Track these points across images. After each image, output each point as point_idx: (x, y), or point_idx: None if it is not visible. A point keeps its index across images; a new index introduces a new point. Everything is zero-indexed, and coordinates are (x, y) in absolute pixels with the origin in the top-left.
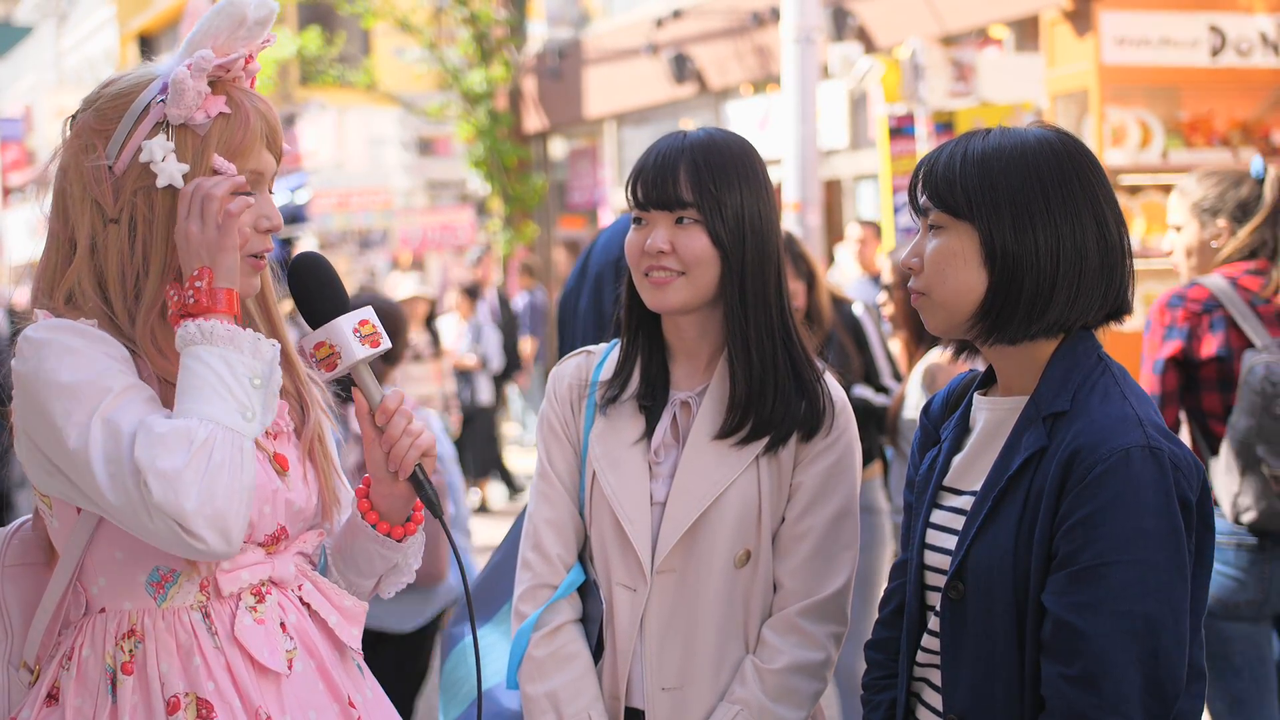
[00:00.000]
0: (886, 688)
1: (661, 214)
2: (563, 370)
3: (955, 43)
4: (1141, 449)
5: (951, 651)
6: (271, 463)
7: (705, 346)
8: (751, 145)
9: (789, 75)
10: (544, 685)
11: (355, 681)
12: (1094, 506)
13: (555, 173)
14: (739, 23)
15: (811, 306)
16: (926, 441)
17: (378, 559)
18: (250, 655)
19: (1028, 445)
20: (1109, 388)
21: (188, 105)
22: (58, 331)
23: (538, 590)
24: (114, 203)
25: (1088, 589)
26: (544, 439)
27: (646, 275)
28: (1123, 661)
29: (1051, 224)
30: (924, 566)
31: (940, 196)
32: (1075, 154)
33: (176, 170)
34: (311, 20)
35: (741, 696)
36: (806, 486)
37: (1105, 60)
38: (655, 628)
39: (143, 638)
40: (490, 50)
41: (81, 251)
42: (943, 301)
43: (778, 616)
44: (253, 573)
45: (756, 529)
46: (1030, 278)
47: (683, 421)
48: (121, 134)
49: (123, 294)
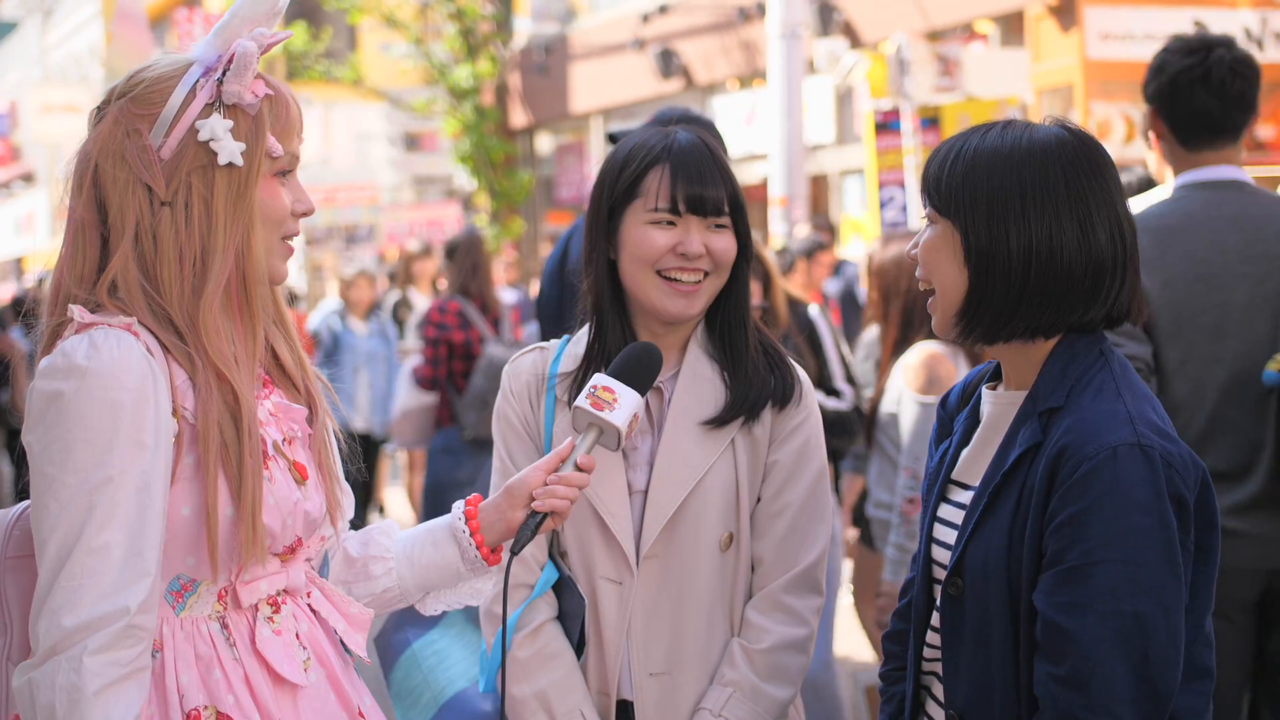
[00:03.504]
0: (902, 679)
1: (696, 219)
2: (519, 366)
3: (941, 38)
4: (1130, 446)
5: (952, 648)
6: (291, 471)
7: (677, 335)
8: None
9: (775, 70)
10: (531, 685)
11: (359, 690)
12: (1081, 505)
13: (542, 168)
14: (725, 18)
15: (767, 308)
16: (942, 433)
17: (449, 571)
18: (270, 667)
19: (1023, 441)
20: (1105, 384)
21: (247, 80)
22: (103, 372)
23: (513, 591)
24: (167, 185)
25: (1075, 589)
26: (503, 436)
27: (668, 279)
28: (1111, 661)
29: (1026, 227)
30: (930, 560)
31: (929, 192)
32: (1074, 156)
33: (235, 148)
34: (298, 16)
35: (733, 679)
36: (782, 464)
37: (1090, 55)
38: (640, 615)
39: (160, 647)
40: (477, 45)
41: (126, 239)
42: (940, 294)
43: (760, 596)
44: (270, 583)
45: (736, 510)
46: (1001, 280)
47: (656, 407)
48: (169, 116)
49: (179, 279)
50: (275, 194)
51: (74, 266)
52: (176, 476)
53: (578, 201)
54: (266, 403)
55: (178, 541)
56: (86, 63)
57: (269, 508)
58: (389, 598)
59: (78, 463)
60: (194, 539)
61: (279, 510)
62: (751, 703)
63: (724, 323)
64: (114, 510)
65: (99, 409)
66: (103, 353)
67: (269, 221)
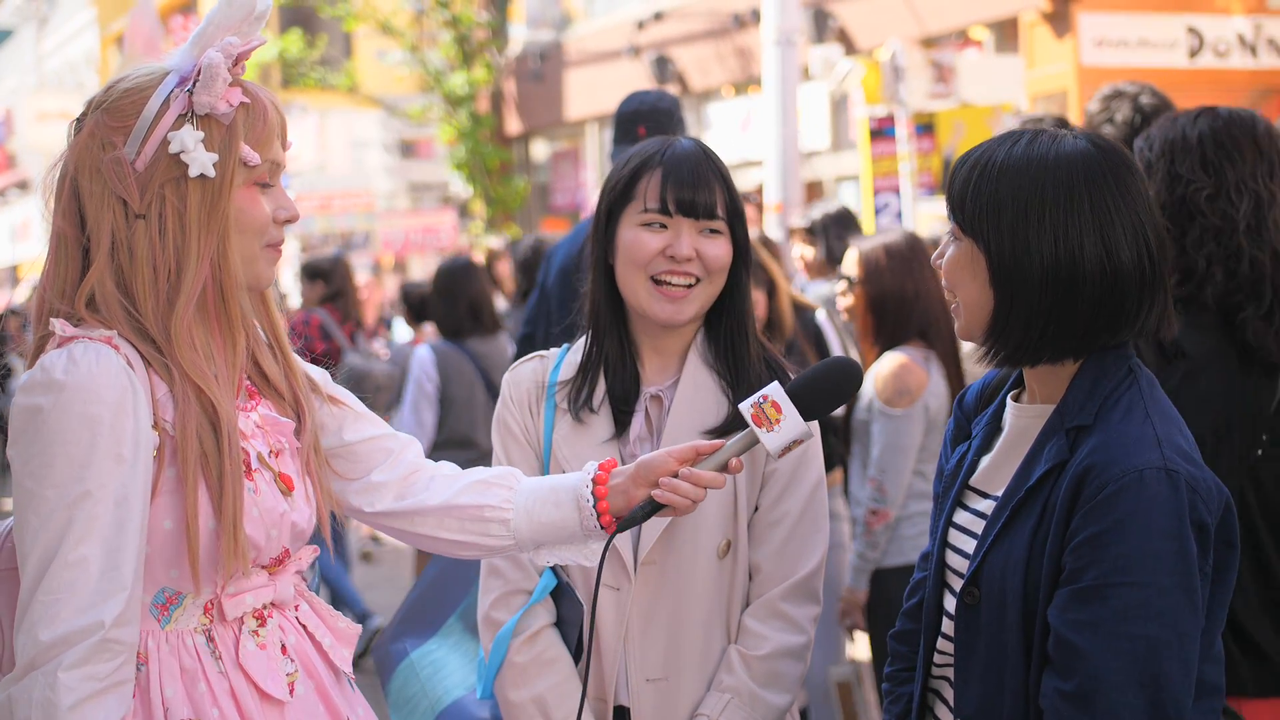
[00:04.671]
0: (909, 680)
1: (688, 221)
2: (519, 374)
3: (935, 44)
4: (1156, 470)
5: (964, 657)
6: (277, 482)
7: (676, 342)
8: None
9: (770, 77)
10: (529, 690)
11: (350, 702)
12: (1103, 525)
13: (537, 175)
14: (720, 25)
15: (773, 314)
16: (959, 434)
17: (565, 532)
18: (254, 682)
19: (1049, 457)
20: (1134, 403)
21: (218, 91)
22: (81, 387)
23: (511, 596)
24: (140, 198)
25: (1090, 608)
26: (502, 442)
27: (659, 282)
28: (1120, 683)
29: (1047, 246)
30: (944, 565)
31: (954, 207)
32: (1100, 172)
33: (207, 159)
34: (293, 23)
35: (730, 685)
36: (781, 472)
37: (1084, 61)
38: (638, 620)
39: (146, 660)
40: (472, 53)
41: (103, 251)
42: (964, 309)
43: (758, 603)
44: (257, 596)
45: (734, 518)
46: (1025, 301)
47: (655, 415)
48: (142, 128)
49: (154, 291)
50: (254, 202)
51: (55, 279)
52: (159, 489)
53: (573, 208)
54: (253, 415)
55: (161, 554)
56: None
57: (253, 519)
58: (499, 544)
59: (56, 477)
60: (177, 552)
61: (263, 522)
62: (749, 709)
63: (726, 331)
64: (92, 524)
65: (76, 423)
66: (80, 367)
67: (248, 230)
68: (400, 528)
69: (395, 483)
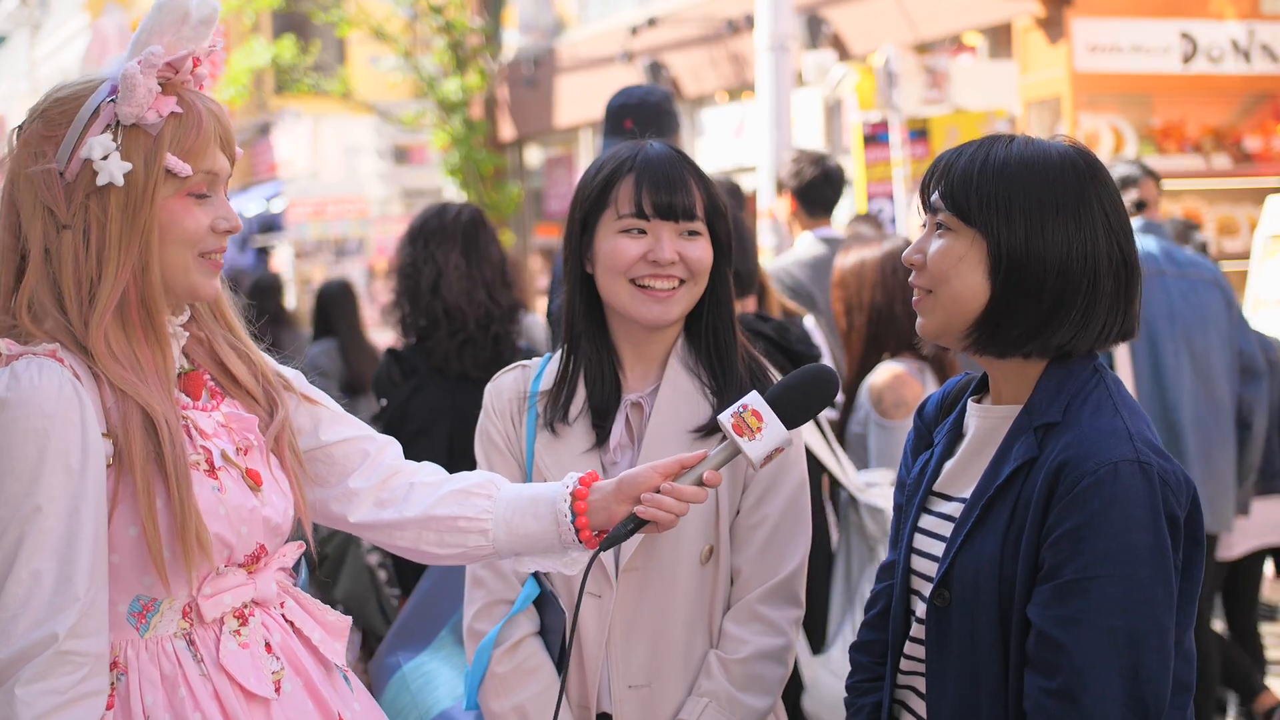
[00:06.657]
0: (870, 691)
1: (667, 225)
2: (501, 384)
3: (929, 50)
4: (1130, 463)
5: (936, 660)
6: (244, 479)
7: (659, 347)
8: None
9: (764, 83)
10: (510, 700)
11: (344, 696)
12: (1080, 520)
13: (531, 181)
14: (714, 30)
15: None
16: (919, 444)
17: (543, 544)
18: (237, 682)
19: (1018, 455)
20: (1101, 400)
21: (139, 103)
22: (24, 402)
23: (494, 606)
24: (66, 209)
25: (1071, 602)
26: (485, 453)
27: (641, 286)
28: (1104, 677)
29: (1065, 240)
30: (910, 571)
31: (954, 198)
32: (1096, 172)
33: (118, 169)
34: (286, 29)
35: (709, 689)
36: (761, 476)
37: (1078, 67)
38: (620, 627)
39: (125, 670)
40: (465, 58)
41: (35, 261)
42: (945, 302)
43: (738, 607)
44: (235, 595)
45: (716, 523)
46: (1033, 291)
47: (635, 422)
48: (72, 139)
49: (78, 301)
50: (185, 213)
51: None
52: (119, 497)
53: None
54: (215, 414)
55: (130, 561)
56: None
57: (219, 517)
58: (479, 554)
59: (7, 494)
60: (145, 558)
61: (231, 519)
62: (728, 713)
63: (709, 332)
64: (44, 538)
65: (21, 439)
66: (22, 382)
67: (178, 241)
68: (381, 540)
69: (373, 489)
